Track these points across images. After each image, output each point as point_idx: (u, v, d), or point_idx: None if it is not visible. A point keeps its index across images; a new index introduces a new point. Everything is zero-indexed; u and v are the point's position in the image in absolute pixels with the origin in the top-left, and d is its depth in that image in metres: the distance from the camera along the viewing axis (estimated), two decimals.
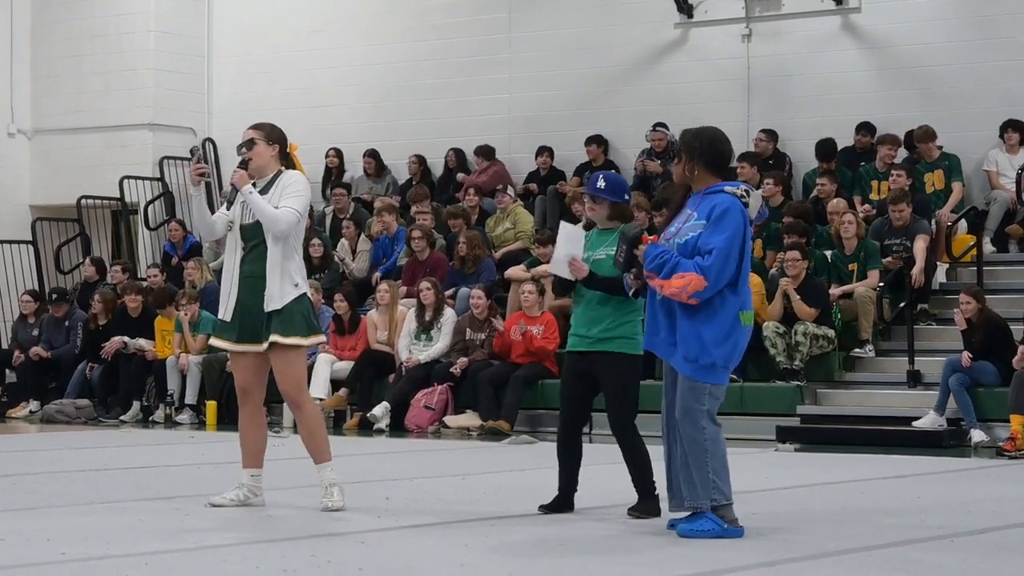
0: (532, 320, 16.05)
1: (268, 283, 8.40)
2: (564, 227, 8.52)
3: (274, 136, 8.66)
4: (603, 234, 8.44)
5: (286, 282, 8.42)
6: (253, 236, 8.48)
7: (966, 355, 14.11)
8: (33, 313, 19.71)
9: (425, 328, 16.66)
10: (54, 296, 19.56)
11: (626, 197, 8.46)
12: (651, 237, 7.73)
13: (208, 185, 8.89)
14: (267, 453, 8.69)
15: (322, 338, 8.91)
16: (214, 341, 8.67)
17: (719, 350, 7.41)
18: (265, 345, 8.40)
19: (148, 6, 22.33)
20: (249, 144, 8.59)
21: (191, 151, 8.80)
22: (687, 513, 7.55)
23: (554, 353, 15.96)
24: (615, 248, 8.13)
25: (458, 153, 20.51)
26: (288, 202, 8.43)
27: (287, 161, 8.69)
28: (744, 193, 7.52)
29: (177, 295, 18.29)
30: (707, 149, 7.61)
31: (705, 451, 7.43)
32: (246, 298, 8.46)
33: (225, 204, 8.75)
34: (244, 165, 8.55)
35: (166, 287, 18.88)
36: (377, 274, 18.34)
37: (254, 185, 8.49)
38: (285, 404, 15.56)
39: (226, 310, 8.53)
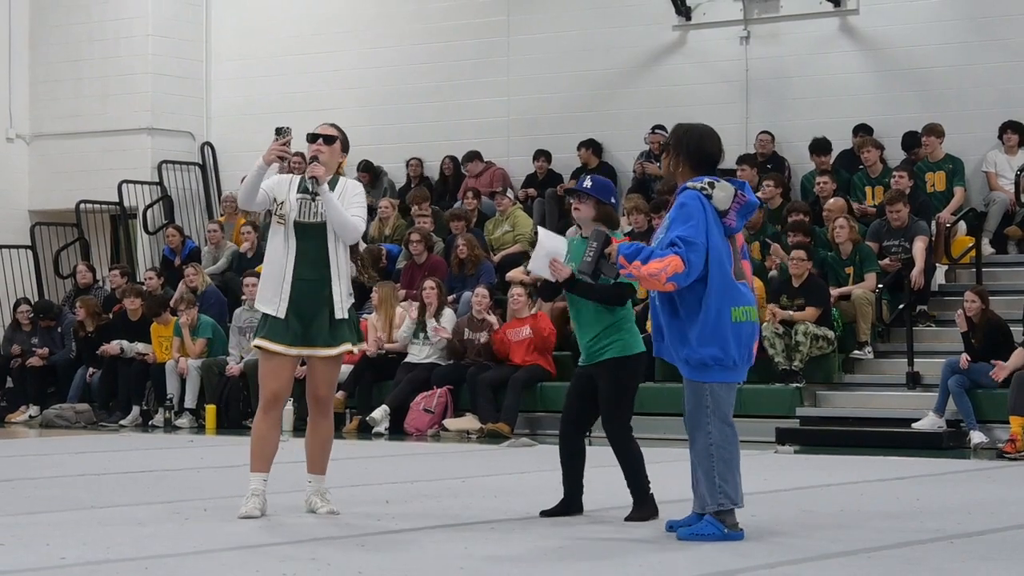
0: (523, 321, 16.07)
1: (337, 290, 8.21)
2: (543, 231, 8.49)
3: (347, 145, 8.45)
4: (584, 241, 8.30)
5: (347, 289, 8.31)
6: (312, 236, 8.21)
7: (964, 357, 14.10)
8: (29, 322, 19.72)
9: (424, 327, 16.65)
10: (41, 315, 19.55)
11: (612, 200, 8.44)
12: (620, 239, 7.65)
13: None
14: None
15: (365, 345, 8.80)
16: (266, 344, 8.19)
17: (707, 348, 7.28)
18: (333, 351, 8.21)
19: (146, 10, 22.34)
20: (329, 140, 8.30)
21: (279, 130, 8.26)
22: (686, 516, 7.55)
23: (551, 351, 15.99)
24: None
25: (454, 160, 20.52)
26: (357, 211, 8.26)
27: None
28: (707, 186, 7.37)
29: (174, 300, 18.30)
30: (693, 147, 7.50)
31: (711, 456, 7.37)
32: (302, 301, 8.19)
33: (298, 191, 8.25)
34: (315, 159, 8.22)
35: (162, 292, 18.88)
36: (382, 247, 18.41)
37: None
38: (286, 408, 15.71)
39: (278, 309, 8.17)
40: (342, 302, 8.26)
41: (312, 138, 8.34)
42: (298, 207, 8.25)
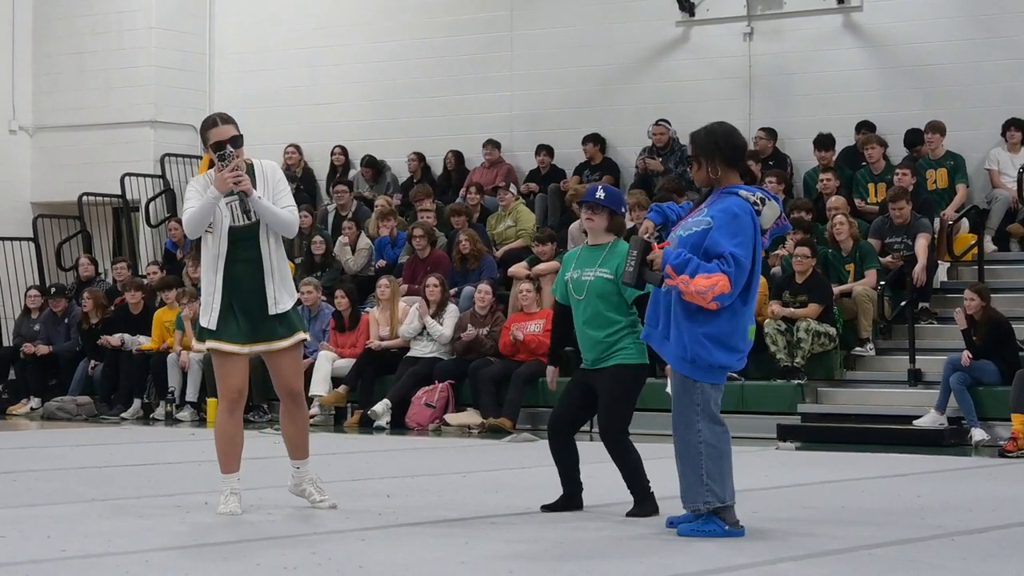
0: (530, 316, 16.08)
1: (274, 285, 8.11)
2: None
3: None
4: (593, 250, 8.29)
5: (287, 282, 8.22)
6: (246, 238, 8.08)
7: (966, 355, 14.11)
8: (38, 308, 19.78)
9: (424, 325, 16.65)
10: (53, 290, 19.62)
11: (623, 210, 8.38)
12: (660, 245, 7.35)
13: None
14: (265, 450, 8.67)
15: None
16: (220, 345, 8.05)
17: (724, 355, 7.24)
18: (289, 342, 8.14)
19: (150, 3, 22.35)
20: (236, 142, 8.06)
21: (223, 155, 8.02)
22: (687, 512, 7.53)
23: None
24: (615, 264, 8.06)
25: (457, 155, 20.51)
26: (286, 200, 8.16)
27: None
28: (759, 201, 7.27)
29: (177, 292, 18.30)
30: (726, 143, 7.38)
31: (699, 453, 7.28)
32: (243, 301, 8.09)
33: (240, 214, 8.10)
34: (247, 169, 8.08)
35: (166, 279, 18.90)
36: (381, 261, 18.38)
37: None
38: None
39: (210, 318, 8.05)
40: (275, 296, 8.13)
41: (223, 149, 7.99)
42: (230, 213, 8.09)
